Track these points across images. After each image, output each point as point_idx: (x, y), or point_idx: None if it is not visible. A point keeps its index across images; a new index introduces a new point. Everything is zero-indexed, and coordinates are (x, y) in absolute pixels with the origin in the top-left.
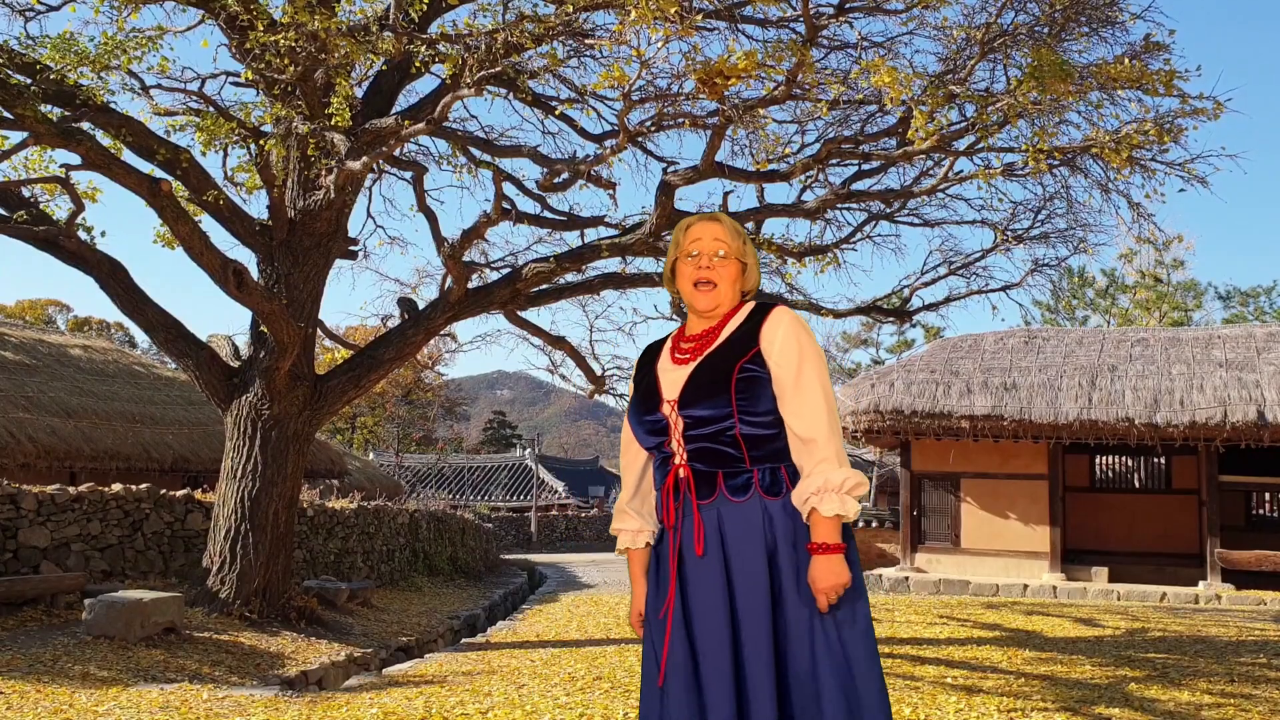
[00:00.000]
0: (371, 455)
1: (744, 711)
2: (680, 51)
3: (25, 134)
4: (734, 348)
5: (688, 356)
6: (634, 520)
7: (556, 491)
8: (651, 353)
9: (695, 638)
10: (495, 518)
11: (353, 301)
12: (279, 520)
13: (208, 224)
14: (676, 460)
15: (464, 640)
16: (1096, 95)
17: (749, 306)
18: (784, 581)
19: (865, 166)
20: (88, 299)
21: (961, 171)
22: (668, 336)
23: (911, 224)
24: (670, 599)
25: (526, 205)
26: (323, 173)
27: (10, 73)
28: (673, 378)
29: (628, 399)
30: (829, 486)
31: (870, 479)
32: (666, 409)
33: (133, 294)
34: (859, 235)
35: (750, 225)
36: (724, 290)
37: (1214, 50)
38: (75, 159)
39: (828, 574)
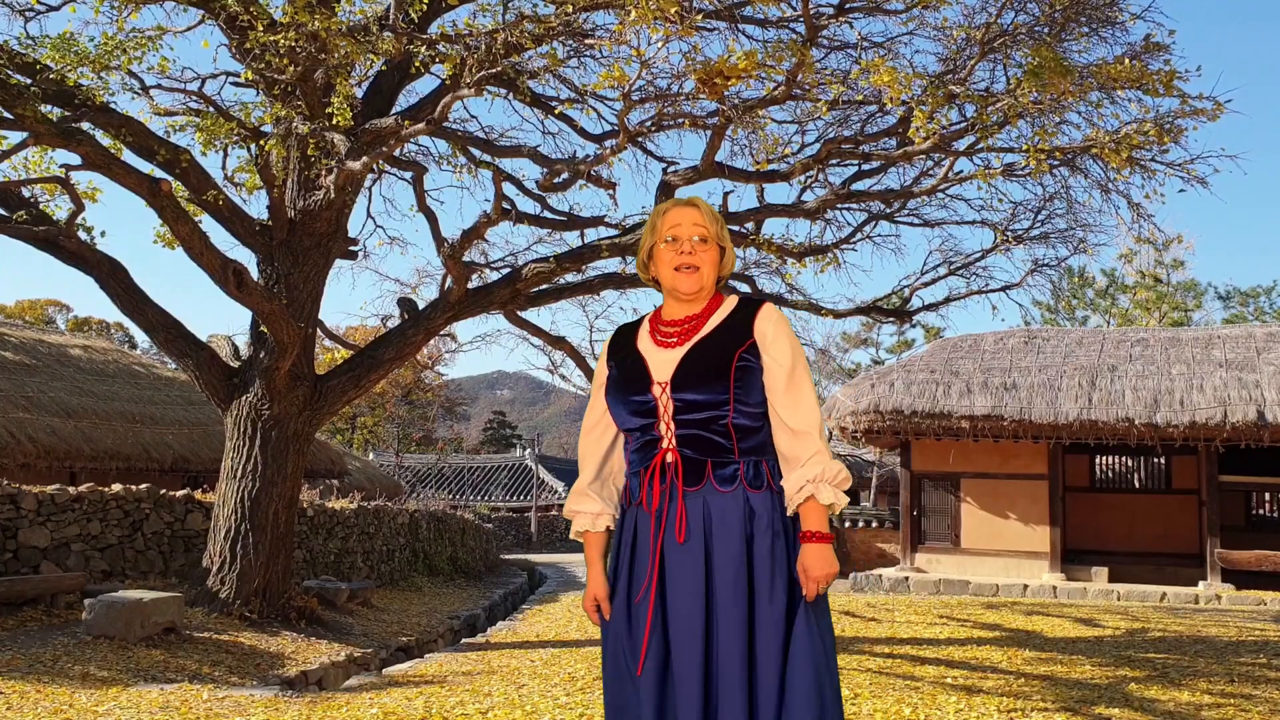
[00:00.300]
0: (371, 455)
1: (712, 702)
2: (680, 51)
3: (25, 134)
4: (728, 336)
5: (675, 340)
6: (595, 503)
7: (556, 491)
8: (628, 334)
9: (669, 625)
10: (495, 518)
11: (353, 301)
12: (279, 520)
13: (208, 224)
14: (664, 444)
15: (464, 640)
16: (1096, 95)
17: (734, 299)
18: (759, 574)
19: (865, 166)
20: (88, 299)
21: (961, 171)
22: (639, 321)
23: (911, 224)
24: (653, 585)
25: (526, 205)
26: (323, 173)
27: (10, 73)
28: (662, 359)
29: (596, 380)
30: (824, 476)
31: (870, 479)
32: (656, 390)
33: (133, 294)
34: (859, 235)
35: (750, 225)
36: (706, 273)
37: (1214, 50)
38: (75, 159)
39: (821, 562)
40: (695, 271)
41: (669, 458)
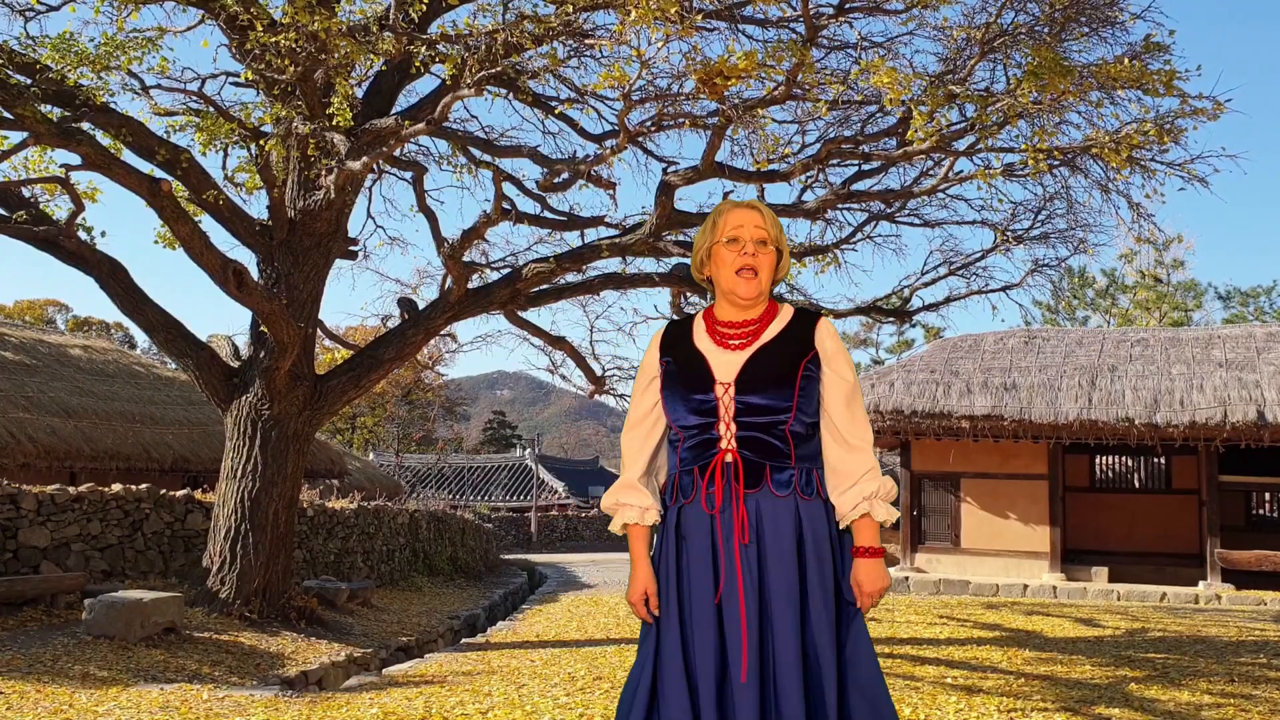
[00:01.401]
0: (371, 455)
1: (768, 702)
2: (680, 51)
3: (25, 134)
4: (792, 344)
5: (739, 342)
6: (645, 496)
7: (556, 491)
8: (683, 330)
9: (726, 627)
10: (495, 518)
11: (353, 301)
12: (279, 520)
13: (208, 224)
14: (724, 445)
15: (464, 640)
16: (1096, 95)
17: (789, 309)
18: (810, 580)
19: (865, 167)
20: (88, 299)
21: (961, 171)
22: (690, 319)
23: (911, 224)
24: (739, 585)
25: (526, 205)
26: (323, 173)
27: (10, 73)
28: (725, 360)
29: (641, 375)
30: (880, 493)
31: None
32: (719, 390)
33: (133, 294)
34: (859, 235)
35: None
36: (765, 278)
37: (1214, 50)
38: (75, 159)
39: (876, 577)
40: (755, 276)
41: (729, 458)
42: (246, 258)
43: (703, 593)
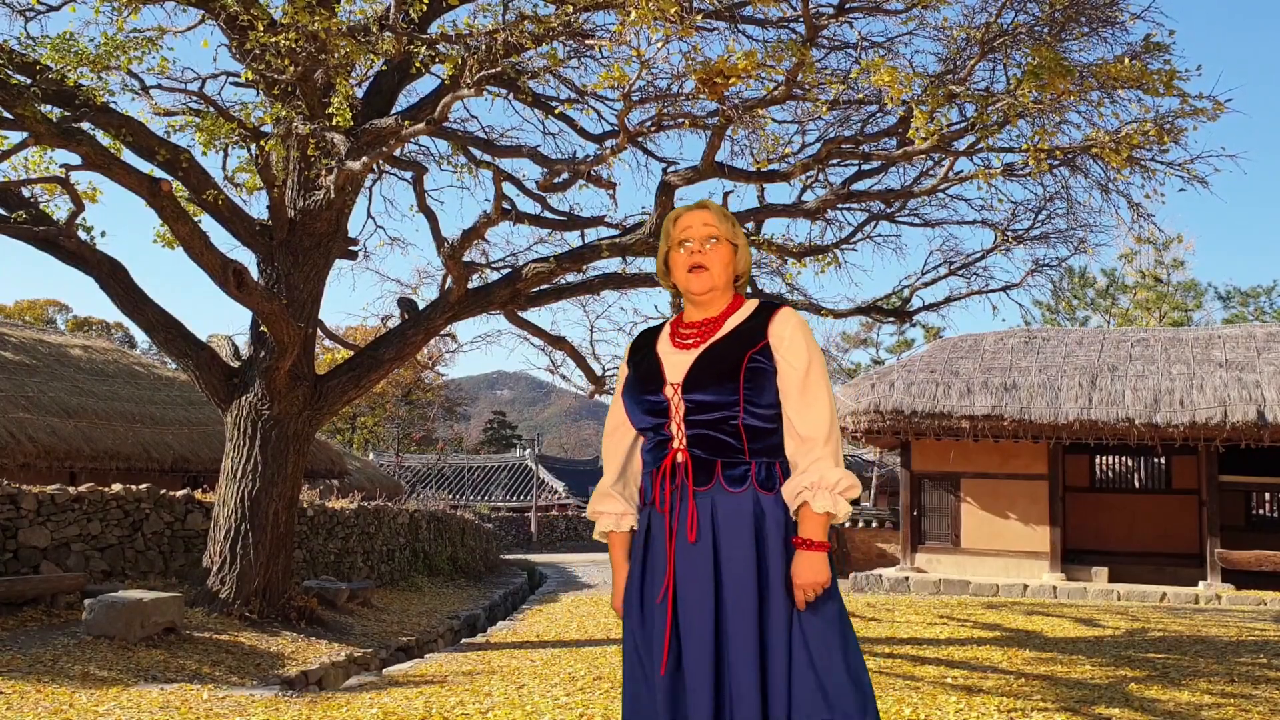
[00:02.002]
0: (371, 455)
1: (722, 700)
2: (680, 51)
3: (25, 134)
4: (742, 338)
5: (691, 342)
6: (618, 503)
7: (556, 491)
8: (648, 337)
9: (680, 623)
10: (495, 518)
11: (353, 301)
12: (279, 520)
13: (208, 224)
14: (675, 444)
15: (464, 640)
16: (1096, 95)
17: (753, 303)
18: (772, 575)
19: (865, 166)
20: (88, 299)
21: (961, 171)
22: (664, 323)
23: (912, 224)
24: (669, 583)
25: (526, 205)
26: (323, 173)
27: (10, 73)
28: (676, 360)
29: (618, 381)
30: (823, 484)
31: (870, 479)
32: (669, 391)
33: (133, 294)
34: (859, 235)
35: (750, 225)
36: (717, 273)
37: (1214, 50)
38: (75, 159)
39: (808, 570)
40: (705, 271)
41: (679, 458)
42: (246, 258)
43: (655, 593)
